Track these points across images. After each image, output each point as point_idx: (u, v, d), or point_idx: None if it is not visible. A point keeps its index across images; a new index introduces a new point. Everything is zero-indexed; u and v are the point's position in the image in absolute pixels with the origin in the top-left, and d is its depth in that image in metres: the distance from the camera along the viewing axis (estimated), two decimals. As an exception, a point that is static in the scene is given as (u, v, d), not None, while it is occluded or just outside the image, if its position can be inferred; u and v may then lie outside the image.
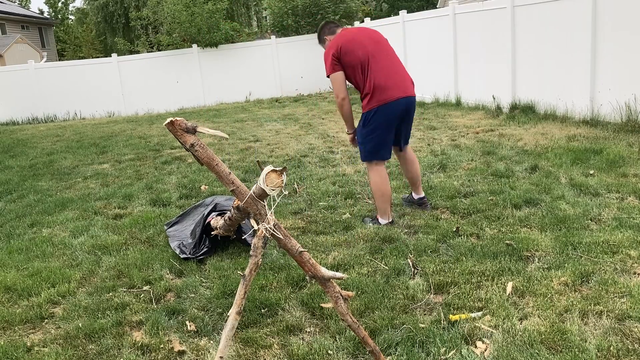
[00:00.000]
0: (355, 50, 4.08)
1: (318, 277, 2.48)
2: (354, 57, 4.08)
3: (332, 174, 6.04)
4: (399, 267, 3.51)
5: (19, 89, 15.65)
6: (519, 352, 2.52)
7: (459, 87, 10.42)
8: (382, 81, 4.06)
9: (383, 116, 4.08)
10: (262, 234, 2.47)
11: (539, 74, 8.27)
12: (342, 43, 4.10)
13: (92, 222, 5.02)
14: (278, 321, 3.00)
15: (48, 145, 10.03)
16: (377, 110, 4.08)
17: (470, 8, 9.88)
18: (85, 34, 36.37)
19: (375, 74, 4.07)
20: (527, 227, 4.01)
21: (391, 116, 4.10)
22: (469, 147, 6.71)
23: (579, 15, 7.34)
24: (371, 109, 4.09)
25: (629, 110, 6.78)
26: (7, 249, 4.43)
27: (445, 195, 4.89)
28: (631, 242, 3.55)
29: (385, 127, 4.12)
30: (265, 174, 2.42)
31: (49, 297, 3.48)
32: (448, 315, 2.88)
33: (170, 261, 3.91)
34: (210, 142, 8.71)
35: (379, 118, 4.09)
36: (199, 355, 2.76)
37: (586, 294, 2.99)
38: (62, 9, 48.40)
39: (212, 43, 15.82)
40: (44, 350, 2.88)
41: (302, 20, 16.43)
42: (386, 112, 4.08)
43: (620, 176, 4.92)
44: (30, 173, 7.48)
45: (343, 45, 4.09)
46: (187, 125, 2.40)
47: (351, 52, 4.08)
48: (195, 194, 5.72)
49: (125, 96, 15.87)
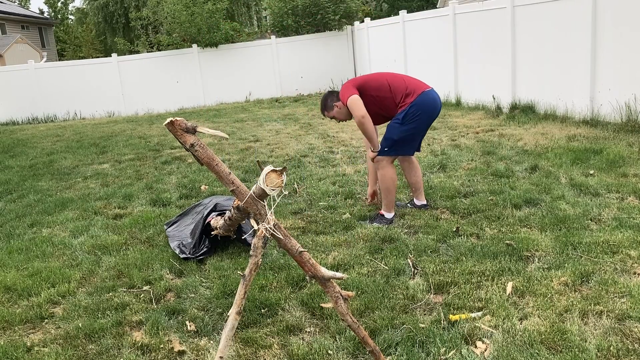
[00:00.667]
0: (378, 78, 4.37)
1: (318, 277, 2.48)
2: (377, 81, 4.33)
3: (332, 174, 6.04)
4: (399, 267, 3.51)
5: (19, 89, 15.65)
6: (519, 352, 2.52)
7: (459, 87, 10.42)
8: (415, 82, 4.36)
9: (425, 106, 4.25)
10: (262, 234, 2.47)
11: (539, 74, 8.27)
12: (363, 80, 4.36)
13: (92, 222, 5.02)
14: (278, 321, 3.00)
15: (48, 145, 10.03)
16: (418, 102, 4.21)
17: (470, 8, 9.88)
18: (85, 34, 36.37)
19: (406, 80, 4.37)
20: (527, 227, 4.01)
21: (432, 107, 4.28)
22: (469, 147, 6.71)
23: (578, 15, 7.34)
24: (413, 100, 4.21)
25: (629, 110, 6.78)
26: (7, 249, 4.43)
27: (445, 195, 4.89)
28: (631, 242, 3.55)
29: (428, 118, 4.30)
30: (265, 174, 2.42)
31: (49, 297, 3.48)
32: (448, 315, 2.88)
33: (170, 261, 3.91)
34: (210, 142, 8.71)
35: (424, 108, 4.23)
36: (199, 355, 2.76)
37: (586, 294, 2.99)
38: (61, 9, 48.41)
39: (212, 43, 15.82)
40: (44, 350, 2.88)
41: (302, 20, 16.42)
42: (427, 102, 4.25)
43: (620, 176, 4.92)
44: (30, 173, 7.48)
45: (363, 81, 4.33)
46: (187, 125, 2.40)
47: (374, 80, 4.35)
48: (195, 194, 5.72)
49: (125, 96, 15.87)
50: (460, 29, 10.11)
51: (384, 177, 4.34)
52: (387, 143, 4.33)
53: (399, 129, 4.26)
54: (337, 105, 4.34)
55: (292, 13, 16.44)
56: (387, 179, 4.33)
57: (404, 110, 4.22)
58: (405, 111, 4.22)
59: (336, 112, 4.37)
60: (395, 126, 4.28)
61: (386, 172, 4.33)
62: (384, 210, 4.41)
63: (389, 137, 4.32)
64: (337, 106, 4.34)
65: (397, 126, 4.27)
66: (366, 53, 14.79)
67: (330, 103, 4.37)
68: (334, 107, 4.36)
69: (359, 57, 15.84)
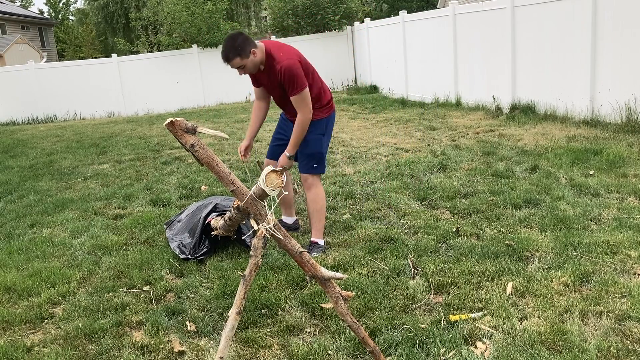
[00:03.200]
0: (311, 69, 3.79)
1: (318, 278, 2.48)
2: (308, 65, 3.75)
3: (332, 174, 6.04)
4: (399, 267, 3.51)
5: (19, 89, 15.64)
6: (519, 353, 2.52)
7: (459, 87, 10.42)
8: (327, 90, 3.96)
9: (332, 124, 4.00)
10: (262, 234, 2.47)
11: (539, 74, 8.27)
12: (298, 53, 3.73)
13: (92, 223, 5.02)
14: (278, 321, 3.00)
15: (48, 145, 10.03)
16: (332, 116, 3.97)
17: (470, 8, 9.88)
18: (85, 34, 36.38)
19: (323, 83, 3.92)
20: (527, 228, 4.01)
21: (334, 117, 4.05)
22: (469, 147, 6.71)
23: (579, 16, 7.34)
24: (330, 114, 3.94)
25: (629, 111, 6.78)
26: (7, 249, 4.43)
27: (445, 195, 4.89)
28: (631, 242, 3.55)
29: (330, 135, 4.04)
30: (265, 174, 2.42)
31: (49, 297, 3.48)
32: (448, 316, 2.88)
33: (170, 261, 3.91)
34: (210, 143, 8.71)
35: (330, 125, 3.97)
36: (199, 355, 2.76)
37: (586, 294, 2.99)
38: (62, 9, 48.41)
39: (212, 43, 15.83)
40: (44, 351, 2.89)
41: (302, 20, 16.42)
42: (333, 120, 4.02)
43: (620, 176, 4.92)
44: (30, 173, 7.48)
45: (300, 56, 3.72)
46: (187, 125, 2.40)
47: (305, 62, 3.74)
48: (196, 194, 5.72)
49: (125, 96, 15.87)
50: (460, 29, 10.12)
51: (318, 196, 3.93)
52: (317, 158, 3.90)
53: (322, 140, 3.90)
54: (254, 52, 3.55)
55: (292, 13, 16.44)
56: (321, 198, 3.96)
57: (325, 118, 3.88)
58: (327, 120, 3.90)
59: (250, 62, 3.57)
60: (319, 138, 3.87)
61: (319, 191, 3.95)
62: (315, 237, 3.99)
63: (316, 151, 3.87)
64: (254, 54, 3.56)
65: (320, 138, 3.88)
66: (366, 53, 14.79)
67: (248, 49, 3.53)
68: (250, 55, 3.55)
69: (359, 58, 15.85)
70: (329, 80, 16.10)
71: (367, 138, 8.06)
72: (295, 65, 3.58)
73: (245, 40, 3.53)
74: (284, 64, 3.57)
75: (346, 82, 16.30)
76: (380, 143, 7.59)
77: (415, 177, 5.62)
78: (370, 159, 6.71)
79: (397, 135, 8.05)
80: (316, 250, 3.92)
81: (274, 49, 3.66)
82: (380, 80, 14.18)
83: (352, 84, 16.18)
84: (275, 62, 3.62)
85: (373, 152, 7.07)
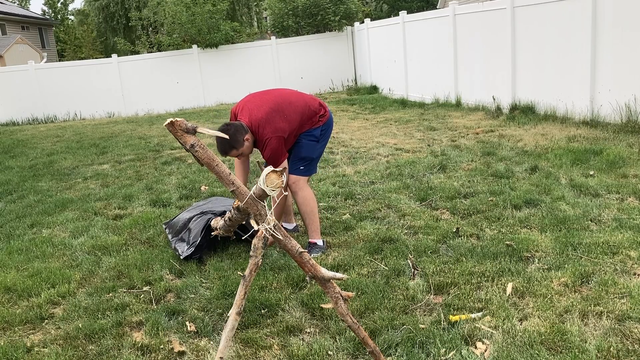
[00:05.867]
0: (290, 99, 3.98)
1: (318, 278, 2.48)
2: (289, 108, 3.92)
3: (332, 175, 6.04)
4: (398, 267, 3.51)
5: (19, 90, 15.64)
6: (519, 353, 2.52)
7: (459, 87, 10.42)
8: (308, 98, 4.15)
9: (329, 130, 4.18)
10: (262, 235, 2.47)
11: (539, 74, 8.27)
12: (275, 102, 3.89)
13: (92, 223, 5.02)
14: (278, 322, 3.00)
15: (48, 145, 10.03)
16: (328, 123, 4.15)
17: (470, 9, 9.88)
18: (85, 34, 36.36)
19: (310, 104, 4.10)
20: (527, 228, 4.01)
21: (332, 125, 4.24)
22: (469, 147, 6.71)
23: (579, 16, 7.34)
24: (326, 121, 4.11)
25: (629, 111, 6.78)
26: (7, 250, 4.43)
27: (446, 195, 4.89)
28: (631, 242, 3.55)
29: (329, 136, 4.24)
30: (265, 175, 2.42)
31: (49, 297, 3.48)
32: (448, 316, 2.88)
33: (170, 261, 3.91)
34: (210, 143, 8.70)
35: (328, 131, 4.17)
36: (199, 355, 2.76)
37: (586, 294, 2.99)
38: (61, 10, 48.39)
39: (212, 44, 15.83)
40: (44, 351, 2.89)
41: (302, 21, 16.43)
42: (331, 119, 4.21)
43: (620, 177, 4.92)
44: (30, 173, 7.48)
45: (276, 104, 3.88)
46: (187, 125, 2.40)
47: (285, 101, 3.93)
48: (196, 194, 5.72)
49: (125, 97, 15.87)
50: (460, 29, 10.12)
51: (306, 199, 4.00)
52: (305, 162, 4.02)
53: (315, 146, 4.05)
54: (247, 139, 3.71)
55: (292, 14, 16.45)
56: (310, 200, 4.01)
57: (320, 127, 4.05)
58: (321, 128, 4.06)
59: (246, 147, 3.74)
60: (312, 144, 4.02)
61: (307, 193, 4.03)
62: (313, 237, 4.04)
63: (306, 156, 4.01)
64: (247, 140, 3.72)
65: (314, 144, 4.03)
66: (366, 54, 14.80)
67: (241, 138, 3.66)
68: (245, 142, 3.70)
69: (359, 58, 15.85)
70: (329, 80, 16.12)
71: (367, 138, 8.06)
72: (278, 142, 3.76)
73: (236, 132, 3.64)
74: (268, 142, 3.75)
75: (346, 82, 16.30)
76: (380, 143, 7.59)
77: (415, 177, 5.62)
78: (370, 159, 6.71)
79: (397, 136, 8.05)
80: (316, 251, 3.94)
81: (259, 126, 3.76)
82: (380, 81, 14.18)
83: (352, 85, 16.19)
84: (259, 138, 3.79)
85: (373, 152, 7.07)
